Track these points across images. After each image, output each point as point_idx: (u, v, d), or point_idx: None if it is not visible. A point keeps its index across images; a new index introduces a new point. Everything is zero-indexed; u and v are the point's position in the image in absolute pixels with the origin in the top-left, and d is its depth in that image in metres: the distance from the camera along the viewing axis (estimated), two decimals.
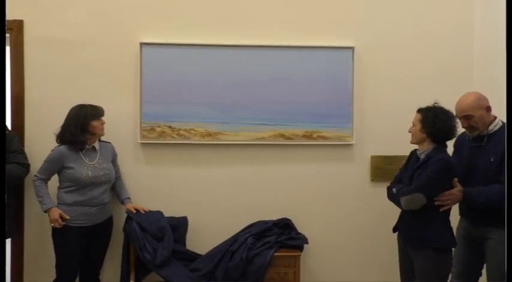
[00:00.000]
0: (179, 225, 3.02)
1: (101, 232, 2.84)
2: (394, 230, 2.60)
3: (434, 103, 2.43)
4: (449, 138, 2.41)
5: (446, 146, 2.42)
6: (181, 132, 3.06)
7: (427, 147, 2.40)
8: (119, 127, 3.06)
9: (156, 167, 3.12)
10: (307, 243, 3.03)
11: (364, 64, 3.16)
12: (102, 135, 2.83)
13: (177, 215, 3.05)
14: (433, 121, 2.35)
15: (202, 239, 3.06)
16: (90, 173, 2.72)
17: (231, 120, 3.08)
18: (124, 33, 3.07)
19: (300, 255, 2.97)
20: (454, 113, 2.43)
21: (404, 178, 2.51)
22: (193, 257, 2.96)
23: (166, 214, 3.01)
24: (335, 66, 3.11)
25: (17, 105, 3.04)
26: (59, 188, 2.78)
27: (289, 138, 3.12)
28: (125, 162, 3.09)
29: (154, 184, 3.12)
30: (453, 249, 2.41)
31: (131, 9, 3.08)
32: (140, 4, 3.08)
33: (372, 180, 3.20)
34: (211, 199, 3.15)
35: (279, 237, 2.99)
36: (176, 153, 3.11)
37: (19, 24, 3.01)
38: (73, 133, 2.66)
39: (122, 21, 3.07)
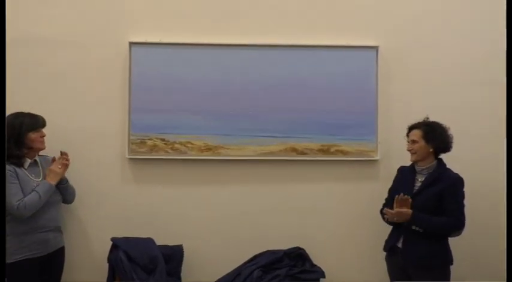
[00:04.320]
0: (173, 255, 2.87)
1: (54, 263, 2.63)
2: (391, 250, 2.67)
3: (427, 118, 2.64)
4: (449, 150, 2.60)
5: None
6: (176, 145, 2.93)
7: (430, 163, 2.59)
8: (104, 140, 2.95)
9: (147, 187, 2.99)
10: (324, 277, 2.86)
11: (389, 66, 3.02)
12: (43, 149, 2.63)
13: (171, 243, 2.91)
14: (436, 135, 2.56)
15: (200, 271, 2.94)
16: None
17: (234, 132, 2.95)
18: (111, 31, 2.94)
19: None
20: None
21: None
22: None
23: (159, 242, 2.87)
24: (356, 69, 2.98)
25: None
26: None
27: (302, 153, 2.98)
28: (110, 180, 2.96)
29: (145, 206, 2.98)
30: None
31: (119, 4, 2.96)
32: None
33: None
34: (211, 224, 3.01)
35: (290, 270, 2.84)
36: (170, 170, 2.98)
37: None
38: (6, 146, 2.45)
39: (108, 17, 2.95)
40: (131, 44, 2.88)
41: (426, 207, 2.49)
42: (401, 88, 3.02)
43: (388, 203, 2.69)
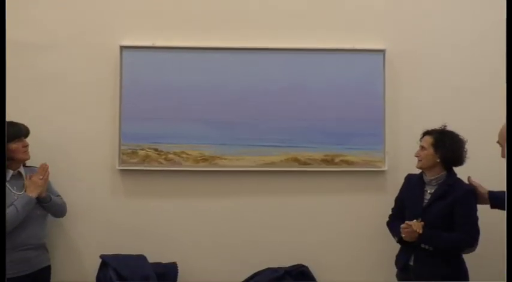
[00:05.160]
0: (167, 273, 2.80)
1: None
2: (403, 268, 2.58)
3: (444, 126, 2.58)
4: (460, 164, 2.53)
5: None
6: (170, 156, 2.88)
7: (438, 174, 2.53)
8: (93, 150, 2.89)
9: (139, 200, 2.93)
10: None
11: (397, 71, 2.96)
12: (26, 159, 2.56)
13: (164, 261, 2.83)
14: (447, 144, 2.50)
15: None
16: None
17: (233, 141, 2.90)
18: (100, 34, 2.89)
19: None
20: None
21: (413, 208, 2.54)
22: None
23: (151, 259, 2.80)
24: (362, 74, 2.93)
25: None
26: None
27: (305, 164, 2.92)
28: (100, 193, 2.89)
29: (136, 221, 2.91)
30: None
31: (109, 5, 2.91)
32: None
33: None
34: (207, 240, 2.94)
35: None
36: (164, 182, 2.92)
37: None
38: None
39: (98, 19, 2.90)
40: (122, 47, 2.83)
41: (437, 223, 2.42)
42: (410, 94, 2.97)
43: (395, 213, 2.64)
